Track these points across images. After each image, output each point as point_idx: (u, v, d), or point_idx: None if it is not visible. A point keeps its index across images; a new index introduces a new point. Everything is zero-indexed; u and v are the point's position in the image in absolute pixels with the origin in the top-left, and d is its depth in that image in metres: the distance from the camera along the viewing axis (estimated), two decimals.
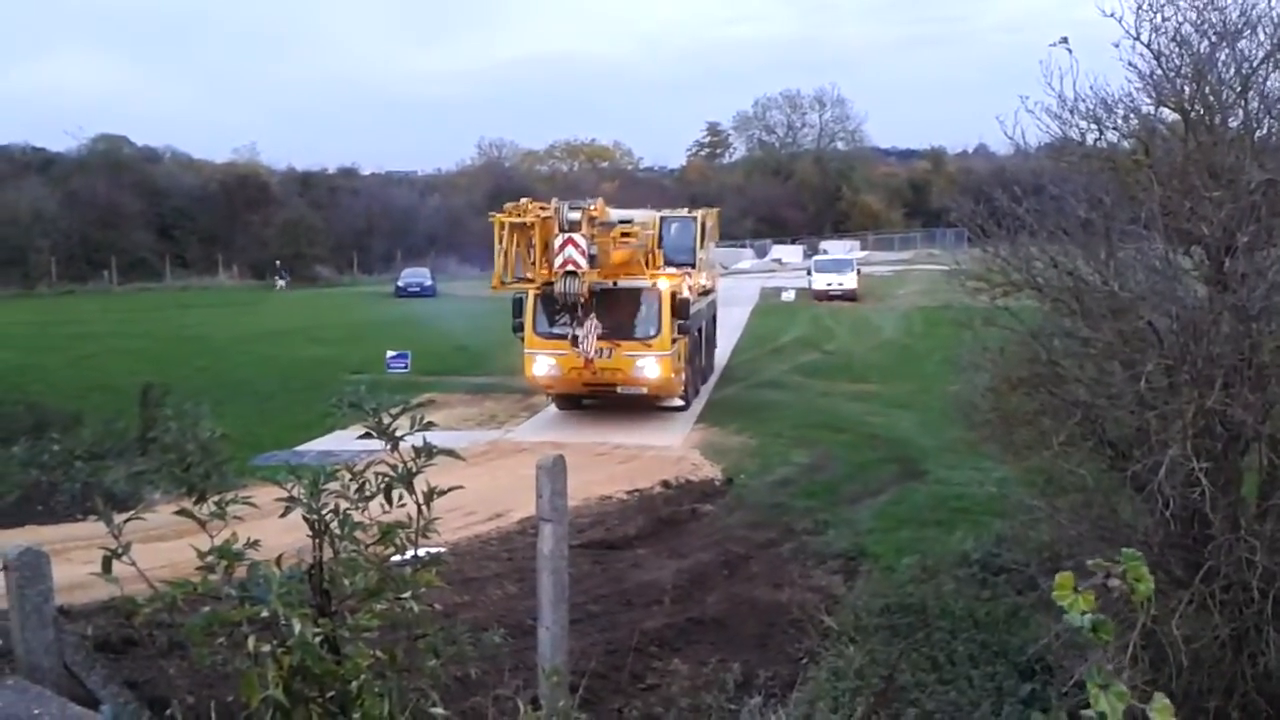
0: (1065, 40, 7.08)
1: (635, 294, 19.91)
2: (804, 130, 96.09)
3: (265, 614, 3.73)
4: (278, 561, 3.98)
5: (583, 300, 17.91)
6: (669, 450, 17.50)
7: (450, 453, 4.66)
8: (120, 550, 3.88)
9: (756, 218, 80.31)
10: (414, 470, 4.28)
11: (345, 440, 14.51)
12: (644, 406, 20.41)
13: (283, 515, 4.09)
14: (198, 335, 33.56)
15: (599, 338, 19.02)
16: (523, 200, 18.22)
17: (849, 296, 45.42)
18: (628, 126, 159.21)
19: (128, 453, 15.37)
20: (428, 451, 4.36)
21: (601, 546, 11.97)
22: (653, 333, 19.51)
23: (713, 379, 25.20)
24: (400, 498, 4.25)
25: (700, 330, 23.32)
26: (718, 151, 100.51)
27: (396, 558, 4.22)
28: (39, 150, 64.64)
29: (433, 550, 4.42)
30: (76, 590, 7.52)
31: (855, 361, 27.99)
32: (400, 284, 54.16)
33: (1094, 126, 7.50)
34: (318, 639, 3.66)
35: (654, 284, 19.78)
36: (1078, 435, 7.23)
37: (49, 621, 5.19)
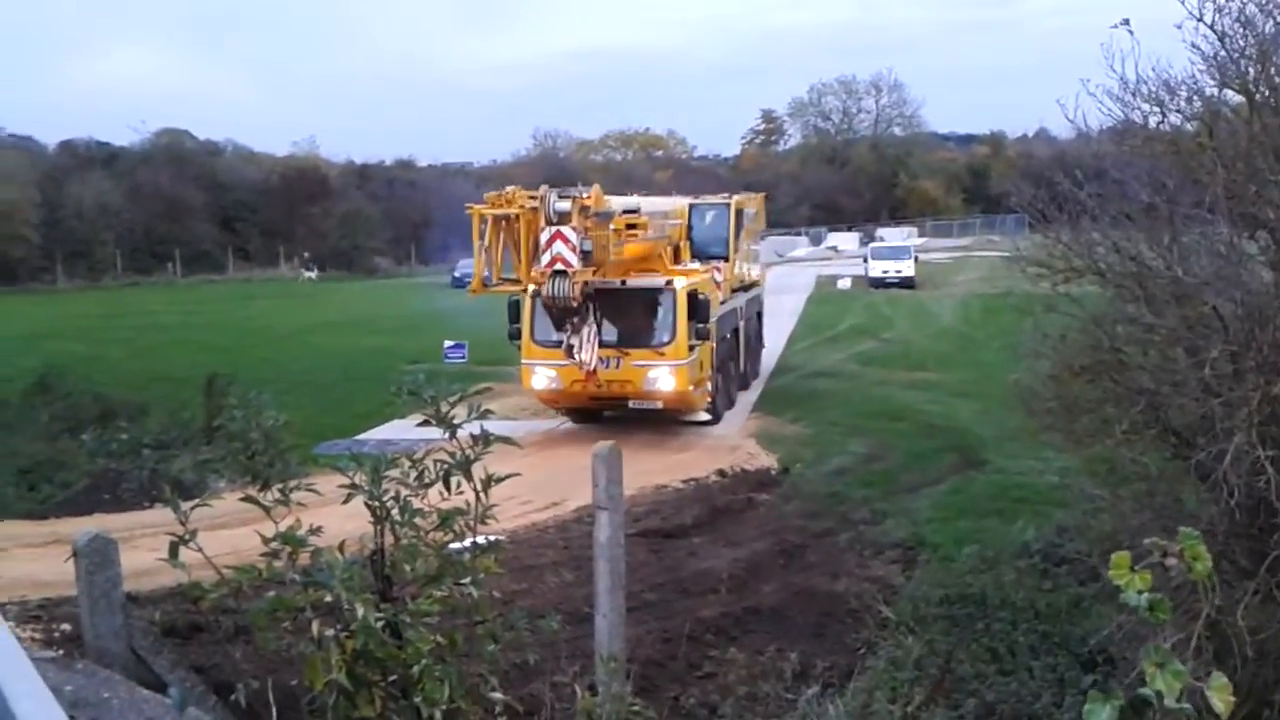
0: (1126, 22, 6.95)
1: (645, 295, 17.55)
2: (860, 116, 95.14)
3: (329, 599, 3.81)
4: (340, 548, 4.06)
5: (574, 303, 15.34)
6: (724, 439, 17.47)
7: (507, 440, 4.71)
8: (187, 537, 3.97)
9: (812, 205, 79.77)
10: (471, 458, 4.34)
11: (405, 429, 14.65)
12: (665, 421, 18.04)
13: (344, 502, 4.17)
14: (260, 326, 34.06)
15: (602, 345, 16.73)
16: (508, 188, 15.98)
17: (906, 284, 44.95)
18: (682, 115, 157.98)
19: (193, 441, 15.68)
20: (485, 439, 4.41)
21: (658, 535, 12.00)
22: (666, 339, 17.12)
23: (759, 381, 22.89)
24: (458, 485, 4.31)
25: (736, 331, 20.94)
26: (772, 139, 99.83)
27: (455, 544, 4.28)
28: (104, 145, 65.85)
29: (491, 537, 4.48)
30: (144, 577, 7.67)
31: (913, 349, 27.70)
32: (457, 274, 54.50)
33: (1156, 109, 7.35)
34: (380, 624, 3.73)
35: (667, 282, 17.40)
36: (1141, 423, 7.11)
37: (117, 607, 5.32)
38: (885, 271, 46.04)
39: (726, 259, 20.81)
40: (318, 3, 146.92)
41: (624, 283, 17.25)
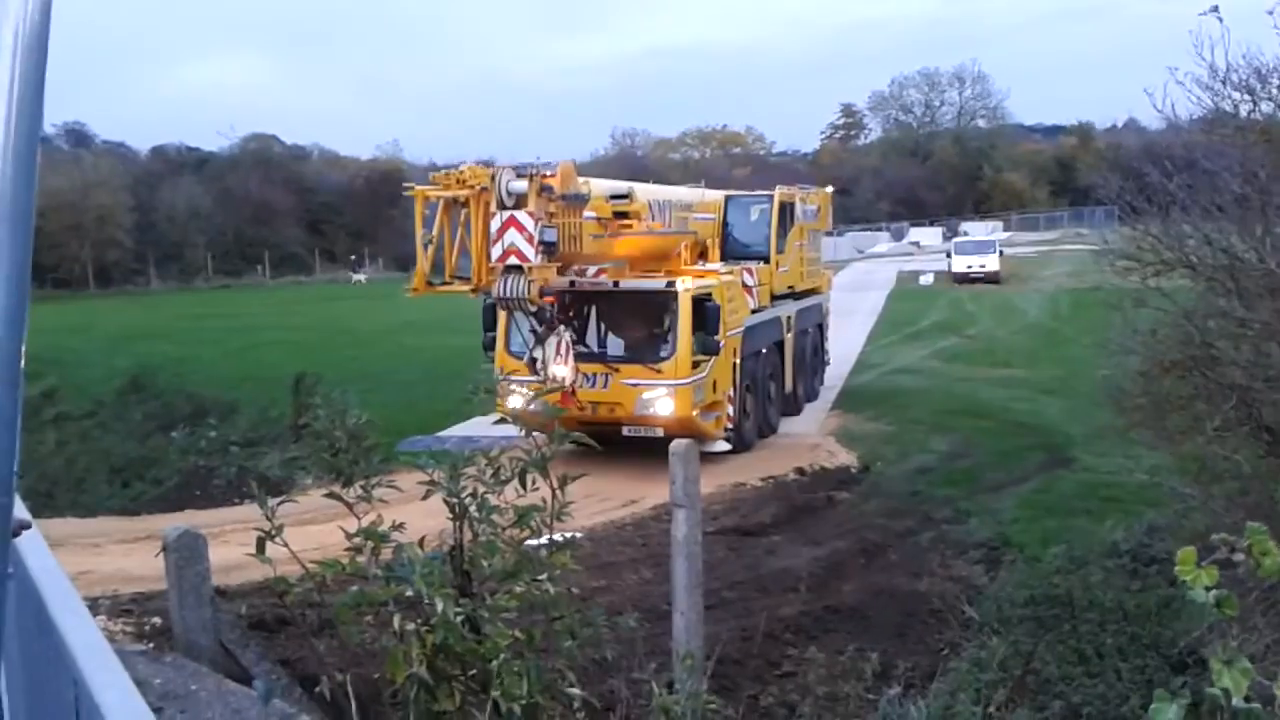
0: (1215, 9, 6.77)
1: (642, 299, 14.87)
2: (943, 109, 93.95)
3: (409, 593, 3.86)
4: (421, 543, 4.11)
5: (531, 306, 12.75)
6: (803, 437, 17.34)
7: (583, 440, 4.74)
8: (274, 532, 4.05)
9: (893, 200, 78.92)
10: (548, 455, 4.37)
11: (484, 426, 14.80)
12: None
13: (424, 498, 4.23)
14: (346, 327, 34.69)
15: (588, 359, 14.30)
16: (462, 165, 13.16)
17: (991, 279, 44.21)
18: (760, 111, 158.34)
19: (280, 439, 16.03)
20: (560, 437, 4.45)
21: (736, 533, 11.96)
22: (664, 353, 14.36)
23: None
24: (534, 482, 4.35)
25: (780, 346, 18.02)
26: (852, 134, 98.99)
27: (532, 541, 4.31)
28: (194, 150, 67.64)
29: (569, 534, 4.50)
30: (232, 571, 7.87)
31: (998, 346, 27.26)
32: None
33: (1247, 97, 7.16)
34: (459, 618, 3.77)
35: (668, 284, 14.57)
36: (1233, 420, 6.92)
37: (206, 601, 5.47)
38: (969, 266, 45.33)
39: (767, 260, 17.94)
40: (402, 12, 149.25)
41: (617, 284, 14.94)
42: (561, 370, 13.45)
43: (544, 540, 4.33)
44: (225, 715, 4.91)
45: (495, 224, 12.46)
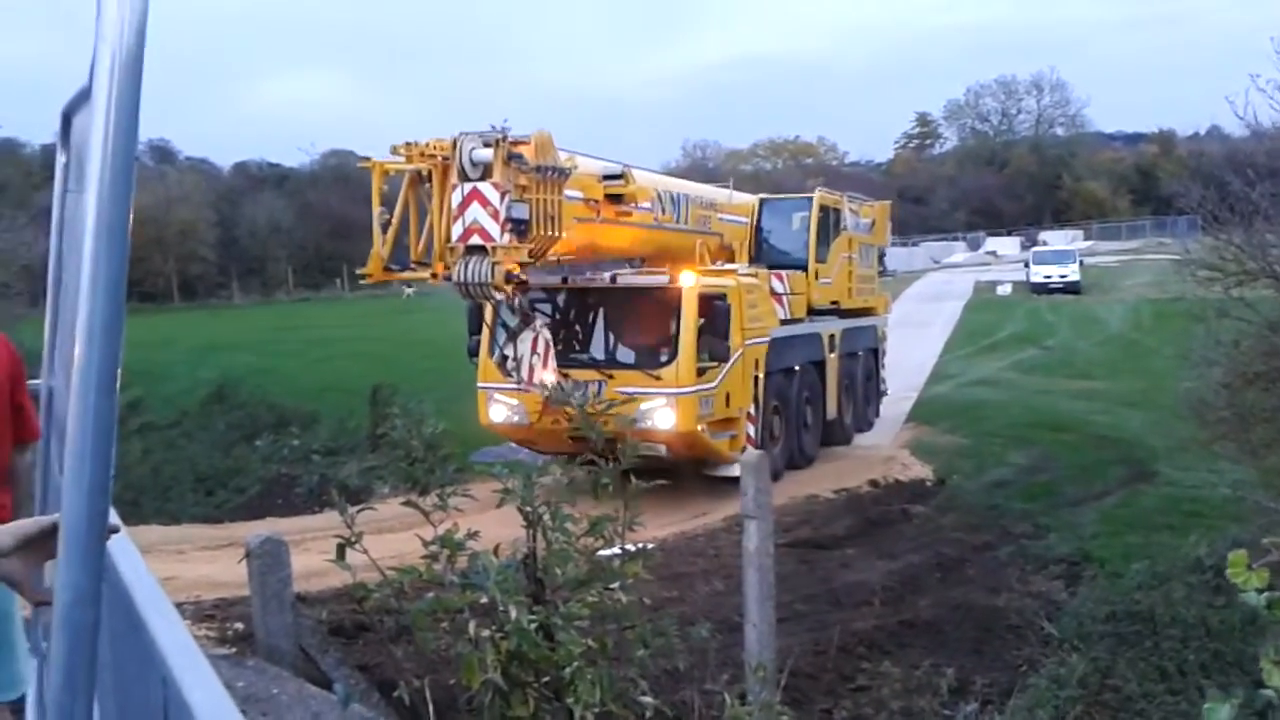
0: None
1: (641, 296, 13.25)
2: (1020, 117, 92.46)
3: (484, 600, 3.92)
4: (495, 551, 4.17)
5: (498, 296, 11.00)
6: (877, 449, 17.17)
7: (653, 449, 4.78)
8: (353, 539, 4.13)
9: (969, 209, 77.85)
10: (619, 465, 4.40)
11: None
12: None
13: (498, 507, 4.29)
14: (424, 338, 35.11)
15: (577, 364, 12.60)
16: (431, 140, 11.25)
17: (1071, 289, 43.36)
18: (832, 122, 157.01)
19: (359, 449, 16.29)
20: (632, 448, 4.48)
21: (808, 545, 11.88)
22: (665, 358, 12.67)
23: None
24: (608, 490, 4.38)
25: (820, 366, 16.14)
26: (927, 143, 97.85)
27: (604, 551, 4.35)
28: (275, 166, 69.06)
29: (640, 545, 4.53)
30: (313, 578, 8.02)
31: (1078, 357, 26.75)
32: None
33: None
34: (533, 625, 3.81)
35: (671, 279, 12.90)
36: None
37: (287, 606, 5.58)
38: (1048, 276, 44.50)
39: (805, 269, 16.10)
40: (480, 27, 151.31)
41: (614, 279, 13.51)
42: (539, 374, 11.67)
43: (616, 550, 4.37)
44: (305, 719, 5.01)
45: (456, 198, 10.85)
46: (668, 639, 4.38)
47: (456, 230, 10.86)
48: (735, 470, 12.56)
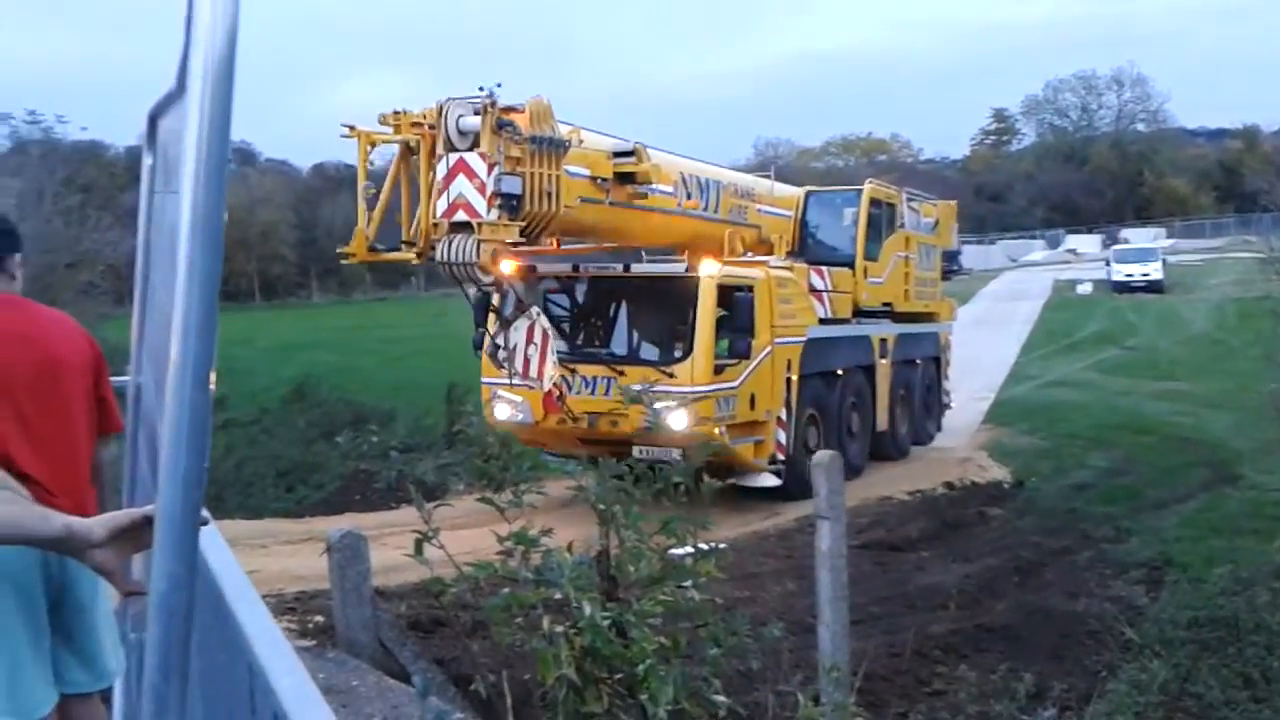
0: None
1: (656, 287, 12.40)
2: (1100, 112, 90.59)
3: (558, 597, 3.95)
4: (569, 548, 4.21)
5: (485, 278, 9.99)
6: (953, 451, 16.96)
7: (724, 449, 4.78)
8: (430, 535, 4.19)
9: (1048, 206, 76.53)
10: (692, 464, 4.41)
11: None
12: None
13: (572, 504, 4.33)
14: None
15: (586, 359, 11.94)
16: (425, 109, 10.33)
17: (1154, 288, 42.44)
18: (907, 118, 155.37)
19: (435, 446, 16.47)
20: (705, 447, 4.49)
21: (882, 547, 11.77)
22: (679, 353, 11.73)
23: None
24: (681, 490, 4.39)
25: (869, 372, 15.07)
26: (1004, 139, 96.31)
27: (676, 550, 4.36)
28: (351, 167, 70.10)
29: (712, 544, 4.53)
30: (391, 573, 8.14)
31: (1160, 358, 26.18)
32: None
33: None
34: (605, 622, 3.84)
35: (688, 268, 12.07)
36: None
37: (366, 600, 5.68)
38: (1130, 275, 43.59)
39: (851, 266, 15.07)
40: (550, 25, 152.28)
41: (628, 268, 12.67)
42: (538, 372, 10.71)
43: (688, 549, 4.38)
44: (384, 711, 5.10)
45: (441, 170, 9.94)
46: (740, 638, 4.38)
47: (440, 206, 9.95)
48: (765, 480, 12.41)
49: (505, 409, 12.06)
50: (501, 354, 10.87)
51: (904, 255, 16.47)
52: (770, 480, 12.58)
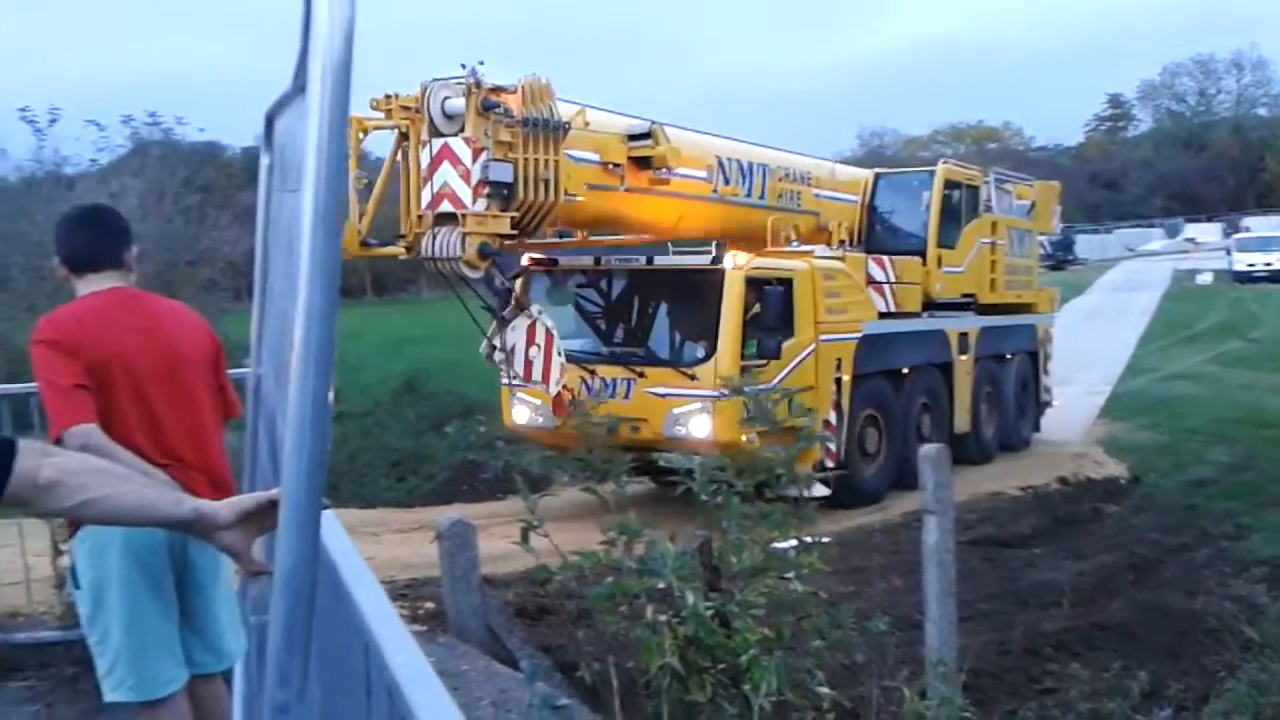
0: None
1: (680, 280, 11.59)
2: (1219, 97, 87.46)
3: (661, 586, 4.00)
4: (671, 538, 4.25)
5: (474, 273, 9.29)
6: (1067, 446, 16.55)
7: (826, 439, 4.76)
8: (536, 524, 4.27)
9: (1166, 194, 74.02)
10: (794, 456, 4.42)
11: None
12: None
13: (675, 495, 4.37)
14: None
15: (603, 359, 11.17)
16: (432, 78, 9.44)
17: (1277, 278, 40.81)
18: (1018, 105, 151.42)
19: None
20: (807, 437, 4.48)
21: (992, 543, 11.56)
22: (701, 353, 10.81)
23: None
24: (783, 482, 4.40)
25: (947, 370, 14.04)
26: (1120, 125, 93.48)
27: (779, 544, 4.36)
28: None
29: (816, 538, 4.52)
30: (497, 561, 8.28)
31: None
32: None
33: None
34: (709, 612, 3.87)
35: (714, 259, 10.88)
36: None
37: (475, 587, 5.80)
38: (1252, 264, 42.04)
39: (923, 255, 13.92)
40: (645, 19, 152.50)
41: (650, 260, 11.47)
42: (542, 374, 9.97)
43: (791, 542, 4.38)
44: (493, 694, 5.21)
45: (425, 158, 9.26)
46: (845, 631, 4.37)
47: (425, 196, 9.29)
48: (816, 490, 10.21)
49: (524, 412, 11.43)
50: (498, 356, 10.16)
51: (990, 242, 15.24)
52: (818, 490, 10.59)
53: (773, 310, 10.68)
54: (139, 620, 3.26)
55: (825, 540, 4.72)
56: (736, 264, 10.70)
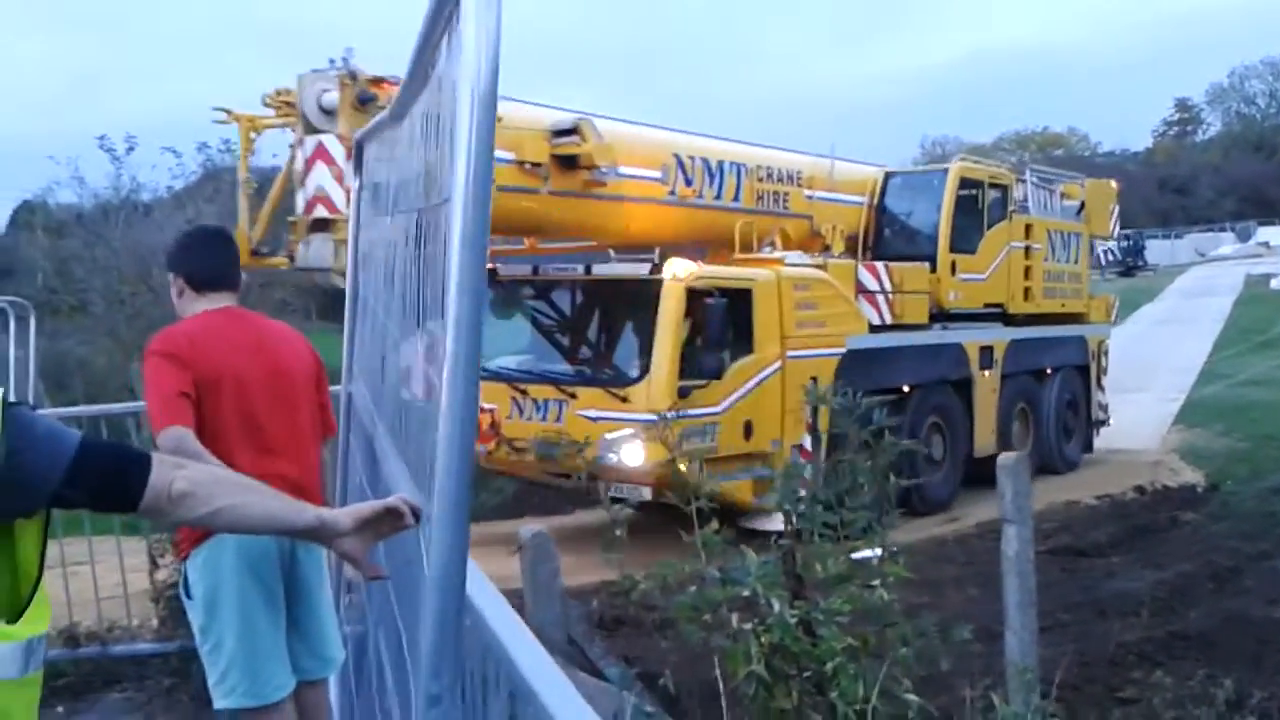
0: None
1: (617, 292, 10.50)
2: None
3: (745, 594, 4.04)
4: (752, 547, 4.29)
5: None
6: (1143, 454, 16.29)
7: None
8: (618, 534, 4.34)
9: (1237, 198, 72.41)
10: (874, 467, 4.44)
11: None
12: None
13: (756, 505, 4.41)
14: None
15: (537, 378, 10.18)
16: (310, 70, 8.76)
17: None
18: (1084, 111, 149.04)
19: None
20: (891, 447, 4.50)
21: (1070, 553, 11.44)
22: (635, 374, 9.79)
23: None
24: (865, 488, 4.43)
25: (966, 387, 12.97)
26: (1188, 129, 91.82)
27: (860, 554, 4.38)
28: None
29: (892, 547, 4.53)
30: (570, 574, 8.36)
31: None
32: None
33: None
34: (794, 620, 3.90)
35: (654, 267, 9.93)
36: None
37: (557, 597, 5.88)
38: None
39: (932, 261, 12.71)
40: (703, 31, 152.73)
41: (588, 270, 10.57)
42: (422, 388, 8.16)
43: (874, 551, 4.40)
44: None
45: (299, 158, 8.52)
46: (929, 639, 4.37)
47: (300, 200, 8.54)
48: (769, 523, 8.75)
49: None
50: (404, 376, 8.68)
51: (1023, 245, 13.99)
52: (776, 524, 8.75)
53: (716, 325, 9.51)
54: (251, 628, 3.38)
55: (895, 551, 4.73)
56: (675, 274, 9.59)
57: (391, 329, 3.02)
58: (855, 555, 4.36)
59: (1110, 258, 47.89)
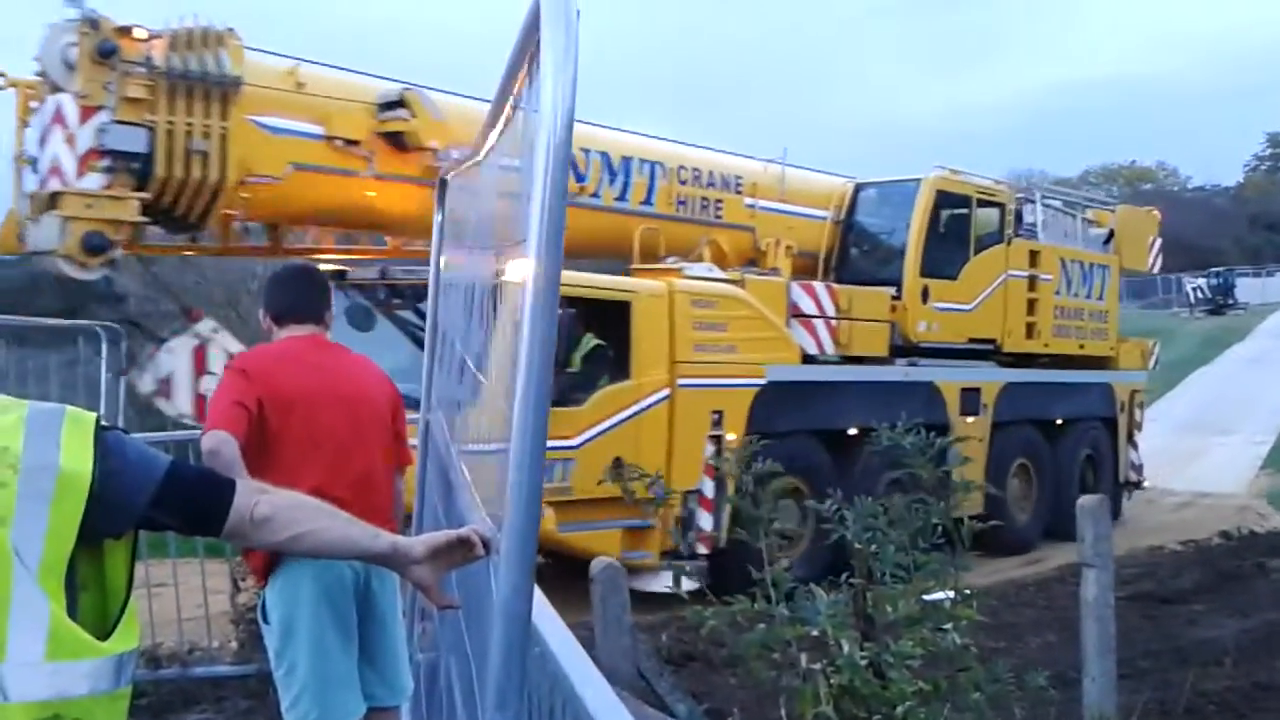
0: None
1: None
2: None
3: (814, 634, 4.02)
4: (822, 586, 4.27)
5: (84, 273, 7.15)
6: (1230, 498, 15.90)
7: (981, 487, 4.71)
8: (688, 570, 4.34)
9: None
10: (946, 505, 4.38)
11: None
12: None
13: (826, 542, 4.38)
14: None
15: None
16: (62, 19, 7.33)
17: None
18: (1174, 145, 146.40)
19: None
20: (964, 488, 4.45)
21: (1152, 599, 11.15)
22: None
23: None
24: (937, 531, 4.37)
25: (941, 435, 7.98)
26: None
27: (931, 596, 4.33)
28: None
29: (967, 590, 4.47)
30: (637, 608, 8.35)
31: None
32: None
33: None
34: (864, 661, 3.87)
35: (496, 274, 5.40)
36: None
37: (626, 630, 5.88)
38: None
39: (898, 288, 11.21)
40: (789, 61, 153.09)
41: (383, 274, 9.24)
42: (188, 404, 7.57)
43: (947, 594, 4.34)
44: None
45: (37, 124, 7.26)
46: (1003, 685, 4.30)
47: (30, 176, 7.32)
48: (657, 583, 8.09)
49: None
50: (156, 386, 7.69)
51: (1026, 275, 12.37)
52: (663, 583, 8.00)
53: (563, 342, 7.96)
54: (324, 654, 3.45)
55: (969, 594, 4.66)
56: (512, 278, 7.32)
57: (469, 361, 3.09)
58: (927, 597, 4.31)
59: (1199, 295, 46.82)
